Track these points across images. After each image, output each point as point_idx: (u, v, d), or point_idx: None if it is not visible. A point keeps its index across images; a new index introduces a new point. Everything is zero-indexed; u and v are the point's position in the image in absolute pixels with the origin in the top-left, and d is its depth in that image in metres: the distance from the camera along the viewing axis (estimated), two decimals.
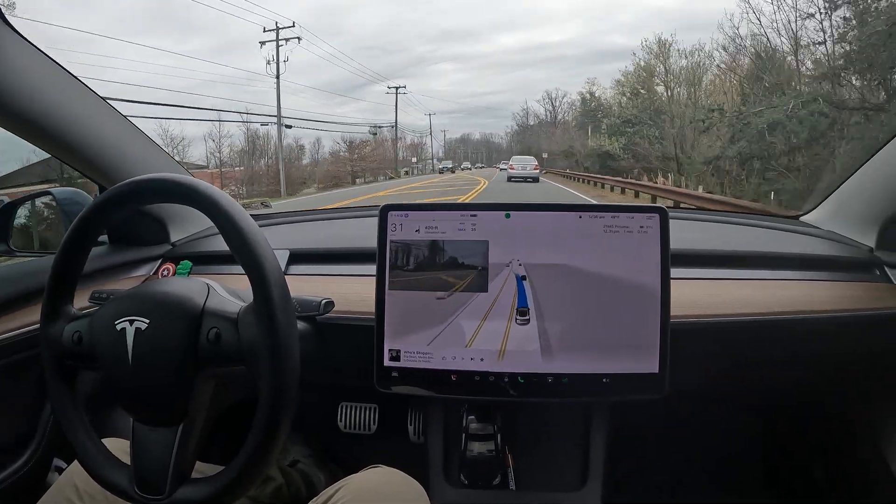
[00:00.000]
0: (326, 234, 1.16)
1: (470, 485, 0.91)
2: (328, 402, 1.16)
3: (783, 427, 1.20)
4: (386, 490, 0.68)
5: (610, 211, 0.76)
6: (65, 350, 0.62)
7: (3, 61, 0.70)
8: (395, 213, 0.78)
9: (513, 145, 45.83)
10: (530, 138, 42.88)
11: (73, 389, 0.63)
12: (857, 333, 0.88)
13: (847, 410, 1.03)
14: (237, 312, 0.58)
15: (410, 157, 41.36)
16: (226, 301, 0.61)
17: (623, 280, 0.75)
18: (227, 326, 0.58)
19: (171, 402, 0.58)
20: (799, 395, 1.09)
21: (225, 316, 0.58)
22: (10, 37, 0.71)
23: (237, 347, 0.57)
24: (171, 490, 0.57)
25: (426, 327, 0.77)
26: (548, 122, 43.19)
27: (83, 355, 0.61)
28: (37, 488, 0.82)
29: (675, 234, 0.77)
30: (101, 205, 0.62)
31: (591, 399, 0.90)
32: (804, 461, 1.14)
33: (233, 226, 0.57)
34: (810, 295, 0.88)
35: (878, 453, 0.92)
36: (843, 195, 1.03)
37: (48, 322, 0.63)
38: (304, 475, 1.00)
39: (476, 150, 55.15)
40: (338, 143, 28.10)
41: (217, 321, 0.58)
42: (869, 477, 0.96)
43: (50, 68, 0.78)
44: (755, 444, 1.22)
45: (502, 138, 51.91)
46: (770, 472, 1.22)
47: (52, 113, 0.80)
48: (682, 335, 0.78)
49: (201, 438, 0.60)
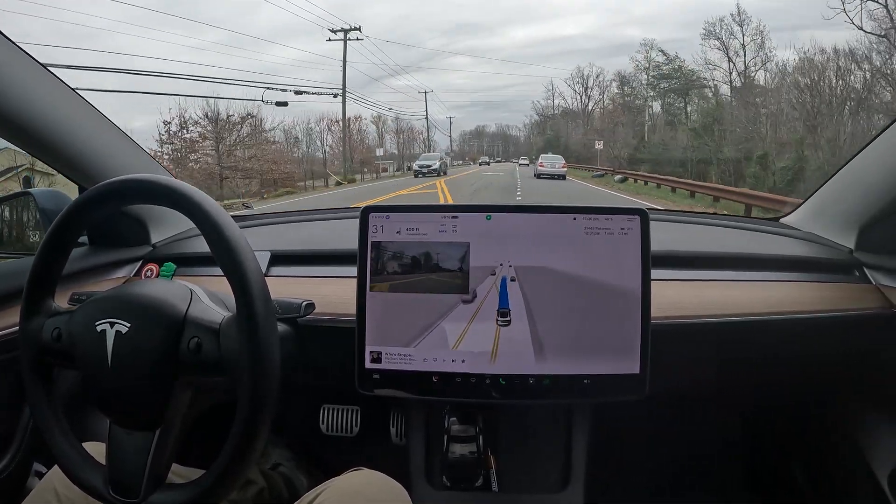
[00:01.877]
0: (308, 236, 1.15)
1: (452, 487, 0.91)
2: (310, 404, 1.15)
3: (765, 428, 1.21)
4: (368, 493, 0.67)
5: (589, 213, 0.77)
6: (43, 346, 0.61)
7: None
8: (375, 215, 0.78)
9: (532, 138, 41.62)
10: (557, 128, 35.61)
11: (50, 386, 0.63)
12: (837, 333, 0.89)
13: (828, 410, 1.04)
14: (219, 323, 0.58)
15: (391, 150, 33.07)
16: (208, 309, 0.61)
17: (604, 281, 0.76)
18: (209, 337, 0.57)
19: (148, 407, 0.57)
20: (780, 395, 1.10)
21: (207, 326, 0.58)
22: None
23: (218, 359, 0.57)
24: (146, 494, 0.57)
25: (407, 329, 0.77)
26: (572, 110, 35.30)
27: (62, 353, 0.60)
28: (16, 493, 0.81)
29: (657, 235, 0.77)
30: (82, 205, 0.61)
31: (573, 400, 0.90)
32: (785, 461, 1.15)
33: (216, 231, 0.56)
34: (791, 296, 0.89)
35: (859, 453, 0.93)
36: (822, 197, 1.04)
37: (28, 316, 0.62)
38: (286, 478, 1.00)
39: (492, 143, 50.83)
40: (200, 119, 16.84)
41: (199, 331, 0.58)
42: (850, 477, 0.97)
43: (26, 64, 0.77)
44: (737, 444, 1.23)
45: (520, 130, 47.30)
46: (752, 472, 1.23)
47: (30, 110, 0.78)
48: (664, 336, 0.79)
49: (178, 443, 0.60)
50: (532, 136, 42.03)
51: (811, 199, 1.07)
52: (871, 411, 0.96)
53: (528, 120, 44.54)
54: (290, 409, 0.83)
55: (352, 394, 0.79)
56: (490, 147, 50.04)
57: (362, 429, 1.13)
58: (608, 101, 30.96)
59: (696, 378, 0.93)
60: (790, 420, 1.15)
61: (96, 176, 0.91)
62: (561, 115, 36.34)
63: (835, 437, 1.02)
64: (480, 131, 51.96)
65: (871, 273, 0.93)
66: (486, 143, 50.46)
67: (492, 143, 50.71)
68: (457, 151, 47.50)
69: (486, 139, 51.21)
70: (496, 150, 49.34)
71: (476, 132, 51.90)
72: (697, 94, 22.91)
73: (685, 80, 23.74)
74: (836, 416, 1.02)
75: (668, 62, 25.47)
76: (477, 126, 53.27)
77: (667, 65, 25.47)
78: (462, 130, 52.46)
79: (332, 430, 1.13)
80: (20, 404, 0.87)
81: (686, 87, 23.72)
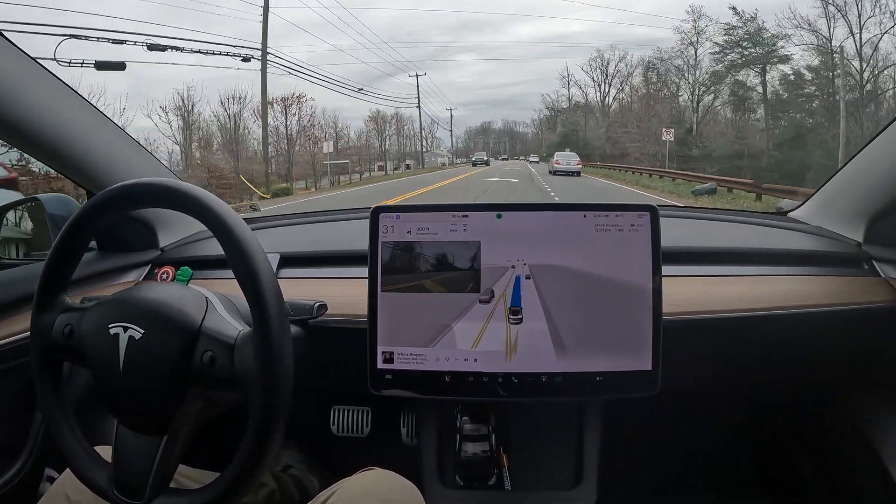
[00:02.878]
0: (317, 237, 1.15)
1: (465, 486, 0.91)
2: (320, 405, 1.15)
3: (774, 423, 1.21)
4: (381, 492, 0.67)
5: (599, 210, 0.77)
6: (54, 342, 0.61)
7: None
8: (386, 215, 0.78)
9: (542, 133, 38.82)
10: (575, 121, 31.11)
11: (59, 382, 0.62)
12: (846, 327, 0.89)
13: (837, 405, 1.04)
14: (234, 338, 0.57)
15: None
16: (223, 322, 0.60)
17: (615, 279, 0.76)
18: (223, 352, 0.56)
19: (157, 413, 0.57)
20: (789, 390, 1.10)
21: (222, 340, 0.57)
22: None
23: (231, 374, 0.56)
24: (150, 497, 0.56)
25: (419, 329, 0.77)
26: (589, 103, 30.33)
27: (72, 350, 0.60)
28: (28, 498, 0.81)
29: (665, 231, 0.77)
30: (92, 208, 0.61)
31: (585, 398, 0.90)
32: (795, 458, 1.15)
33: (229, 236, 0.56)
34: (800, 290, 0.89)
35: (869, 448, 0.93)
36: (830, 191, 1.04)
37: (40, 311, 0.62)
38: (297, 480, 1.00)
39: (498, 139, 48.16)
40: None
41: (213, 344, 0.57)
42: (859, 473, 0.97)
43: (34, 71, 0.77)
44: (747, 441, 1.23)
45: (528, 126, 44.86)
46: (761, 468, 1.23)
47: (38, 117, 0.78)
48: (674, 333, 0.79)
49: (185, 448, 0.60)
50: (542, 131, 39.19)
51: (819, 193, 1.07)
52: (880, 406, 0.95)
53: (538, 115, 41.31)
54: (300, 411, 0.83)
55: (362, 394, 0.79)
56: (497, 144, 47.53)
57: (373, 429, 1.13)
58: (639, 84, 26.26)
59: (706, 374, 0.93)
60: (799, 415, 1.14)
61: (105, 181, 0.91)
62: (573, 109, 32.22)
63: (844, 432, 1.01)
64: (486, 127, 49.63)
65: (881, 266, 0.93)
66: (493, 140, 47.86)
67: (498, 139, 48.37)
68: (461, 149, 45.42)
69: (492, 136, 48.93)
70: (502, 148, 47.08)
71: (482, 128, 49.44)
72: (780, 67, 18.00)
73: (765, 48, 18.45)
74: (845, 412, 1.01)
75: (742, 24, 19.44)
76: (482, 122, 50.79)
77: (738, 28, 19.52)
78: (467, 126, 49.64)
79: (342, 431, 1.13)
80: (32, 410, 0.87)
81: (766, 56, 18.62)
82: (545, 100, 38.47)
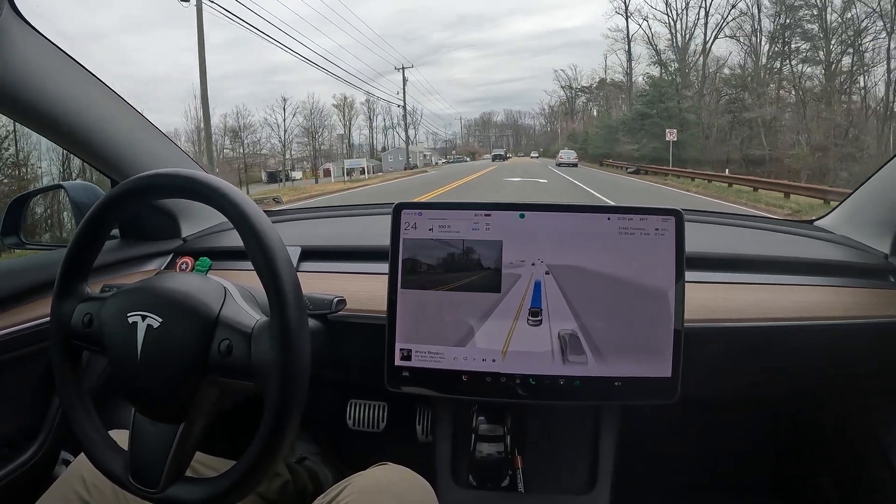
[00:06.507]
0: (338, 232, 1.15)
1: (478, 486, 0.91)
2: (337, 399, 1.16)
3: (794, 434, 1.19)
4: (393, 488, 0.67)
5: (624, 212, 0.76)
6: (74, 330, 0.61)
7: (13, 53, 0.70)
8: (408, 212, 0.78)
9: (556, 123, 37.78)
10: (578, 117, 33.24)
11: (78, 369, 0.63)
12: (871, 340, 0.87)
13: (859, 420, 1.02)
14: (252, 327, 0.57)
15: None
16: (241, 311, 0.60)
17: (637, 282, 0.75)
18: (240, 341, 0.57)
19: (174, 401, 0.57)
20: (810, 402, 1.08)
21: (239, 329, 0.57)
22: (20, 28, 0.70)
23: (247, 364, 0.56)
24: (165, 485, 0.57)
25: (438, 327, 0.77)
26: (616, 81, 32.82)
27: (91, 338, 0.61)
28: (44, 480, 0.83)
29: (689, 236, 0.76)
30: (116, 197, 0.62)
31: (603, 402, 0.89)
32: (813, 470, 1.13)
33: (250, 229, 0.56)
34: (824, 301, 0.87)
35: (891, 468, 0.91)
36: (857, 200, 1.02)
37: (60, 299, 0.62)
38: (311, 472, 1.00)
39: (501, 133, 45.14)
40: None
41: (230, 333, 0.57)
42: (879, 492, 0.95)
43: (61, 60, 0.78)
44: (765, 450, 1.21)
45: (534, 118, 42.55)
46: (779, 479, 1.21)
47: (64, 106, 0.79)
48: (695, 339, 0.78)
49: (201, 437, 0.60)
50: (553, 123, 37.31)
51: (846, 203, 1.05)
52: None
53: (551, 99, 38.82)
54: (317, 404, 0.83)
55: (379, 389, 0.79)
56: (498, 139, 44.73)
57: (389, 425, 1.13)
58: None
59: (726, 382, 0.91)
60: (820, 428, 1.13)
61: (128, 170, 0.92)
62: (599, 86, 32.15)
63: (865, 448, 0.99)
64: (487, 120, 46.86)
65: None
66: (495, 135, 45.14)
67: (501, 133, 45.47)
68: (461, 145, 43.26)
69: (493, 129, 46.19)
70: (505, 142, 44.23)
71: (482, 121, 46.70)
72: None
73: None
74: (867, 426, 0.99)
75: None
76: (482, 114, 48.12)
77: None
78: (467, 119, 47.12)
79: (358, 426, 1.13)
80: (50, 394, 0.88)
81: None
82: (559, 76, 37.48)
